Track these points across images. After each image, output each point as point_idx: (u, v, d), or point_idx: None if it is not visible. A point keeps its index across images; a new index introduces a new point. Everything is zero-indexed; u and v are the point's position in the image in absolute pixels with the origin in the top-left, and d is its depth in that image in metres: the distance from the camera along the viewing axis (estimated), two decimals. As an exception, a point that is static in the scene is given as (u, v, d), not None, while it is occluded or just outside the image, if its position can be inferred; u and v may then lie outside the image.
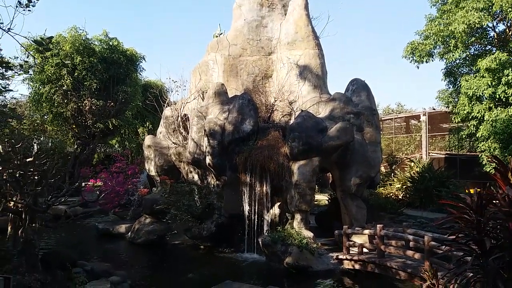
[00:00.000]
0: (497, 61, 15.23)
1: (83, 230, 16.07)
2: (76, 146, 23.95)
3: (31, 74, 21.87)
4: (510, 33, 17.66)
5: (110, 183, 16.68)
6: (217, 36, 17.57)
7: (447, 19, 17.39)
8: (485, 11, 16.10)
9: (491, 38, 18.36)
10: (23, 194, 7.86)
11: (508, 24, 17.71)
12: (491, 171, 13.61)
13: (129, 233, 14.03)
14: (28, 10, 6.21)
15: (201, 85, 15.82)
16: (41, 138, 26.39)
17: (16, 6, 6.11)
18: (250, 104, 12.86)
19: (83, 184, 19.00)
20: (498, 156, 15.08)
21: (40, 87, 22.40)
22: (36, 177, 8.33)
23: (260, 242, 11.13)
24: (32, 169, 8.12)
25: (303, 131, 11.65)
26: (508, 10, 15.36)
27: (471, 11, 16.04)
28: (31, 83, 22.87)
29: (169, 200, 13.10)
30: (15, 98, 26.03)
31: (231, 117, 12.61)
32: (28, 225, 7.61)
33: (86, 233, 15.59)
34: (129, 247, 13.42)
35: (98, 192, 17.56)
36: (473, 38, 17.54)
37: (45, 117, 24.97)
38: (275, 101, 14.56)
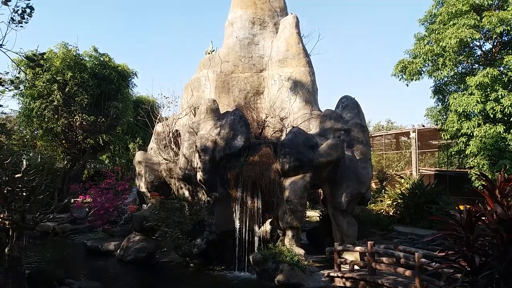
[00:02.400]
0: (489, 76, 15.54)
1: (72, 247, 15.81)
2: (66, 162, 23.72)
3: (21, 90, 21.77)
4: (496, 52, 18.07)
5: (99, 200, 16.47)
6: (209, 53, 17.71)
7: (436, 37, 17.76)
8: (475, 28, 16.50)
9: (478, 57, 18.77)
10: (11, 211, 7.73)
11: (495, 43, 18.14)
12: (480, 188, 13.75)
13: (118, 251, 13.83)
14: (21, 27, 6.24)
15: (193, 101, 15.87)
16: (31, 154, 26.12)
17: (9, 22, 6.12)
18: (241, 120, 12.91)
19: (72, 200, 18.75)
20: (486, 172, 15.29)
21: (31, 102, 22.25)
22: (24, 194, 8.21)
23: (251, 260, 11.04)
24: (20, 185, 8.01)
25: (294, 147, 11.70)
26: (496, 25, 15.76)
27: (462, 27, 16.43)
28: (22, 98, 22.73)
29: (159, 216, 12.98)
30: (4, 113, 25.82)
31: (222, 133, 12.64)
32: (15, 242, 7.47)
33: (74, 250, 15.34)
34: (118, 265, 13.20)
35: (87, 209, 17.32)
36: (461, 56, 17.91)
37: (35, 132, 24.75)
38: (267, 117, 14.64)
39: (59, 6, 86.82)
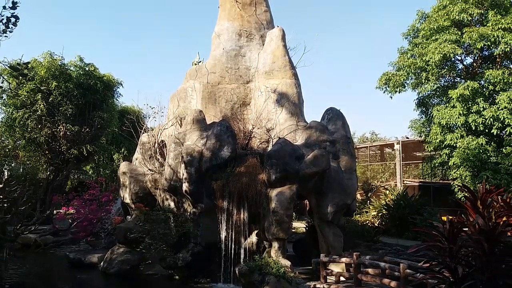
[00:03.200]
0: (469, 89, 15.90)
1: (54, 259, 15.47)
2: (48, 173, 23.31)
3: (4, 99, 21.43)
4: (477, 66, 18.55)
5: (83, 211, 16.23)
6: (196, 64, 17.75)
7: (419, 51, 18.15)
8: (456, 43, 16.91)
9: (459, 71, 19.23)
10: (-9, 223, 7.57)
11: (475, 57, 18.63)
12: (462, 199, 13.97)
13: (102, 263, 13.58)
14: (5, 36, 6.18)
15: (179, 111, 15.83)
16: (13, 164, 25.63)
17: (-7, 32, 6.06)
18: (228, 131, 12.92)
19: (54, 211, 18.41)
20: (469, 183, 15.56)
21: (13, 112, 21.90)
22: (5, 205, 8.06)
23: (237, 272, 10.96)
24: (1, 196, 7.86)
25: (280, 158, 11.74)
26: (477, 41, 16.18)
27: (444, 42, 16.82)
28: (4, 108, 22.38)
29: (143, 228, 12.80)
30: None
31: (209, 143, 12.61)
32: (-5, 255, 7.30)
33: (56, 263, 15.00)
34: (101, 277, 12.95)
35: (70, 220, 17.05)
36: (444, 70, 18.32)
37: (18, 142, 24.32)
38: (253, 128, 14.69)
39: (46, 16, 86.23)
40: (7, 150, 24.30)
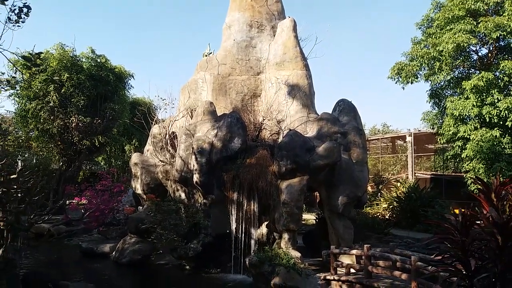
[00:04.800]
0: (484, 80, 15.61)
1: (66, 249, 15.71)
2: (61, 163, 23.61)
3: (17, 90, 21.69)
4: (492, 56, 18.18)
5: (95, 201, 16.42)
6: (206, 55, 17.72)
7: (432, 41, 17.84)
8: (471, 33, 16.58)
9: (474, 61, 18.87)
10: (6, 212, 7.69)
11: (491, 48, 18.26)
12: (475, 192, 13.79)
13: (114, 253, 13.76)
14: (18, 26, 6.21)
15: (190, 103, 15.85)
16: (26, 155, 26.01)
17: (6, 22, 6.10)
18: (238, 123, 12.91)
19: (67, 202, 18.67)
20: (482, 176, 15.34)
21: (27, 103, 22.16)
22: (19, 195, 8.17)
23: (247, 262, 11.02)
24: (15, 186, 7.97)
25: (291, 150, 11.70)
26: (492, 31, 15.84)
27: (458, 32, 16.50)
28: (17, 99, 22.63)
29: (155, 219, 12.93)
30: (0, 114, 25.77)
31: (219, 135, 12.62)
32: (9, 244, 7.42)
33: (69, 252, 15.24)
34: (113, 267, 13.14)
35: (82, 211, 17.30)
36: (458, 61, 18.00)
37: (31, 133, 24.64)
38: (264, 120, 14.64)
39: (57, 7, 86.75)
40: (20, 141, 24.64)
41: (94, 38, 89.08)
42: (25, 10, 5.88)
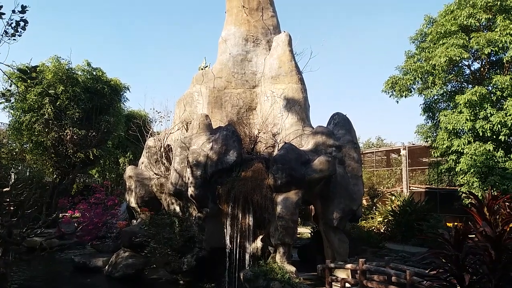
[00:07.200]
0: (477, 94, 15.77)
1: (59, 263, 15.52)
2: (55, 176, 23.46)
3: (12, 103, 21.63)
4: (484, 71, 18.42)
5: (88, 215, 16.28)
6: (202, 69, 17.81)
7: (426, 55, 18.06)
8: (464, 47, 16.81)
9: (466, 76, 19.10)
10: (-2, 225, 7.61)
11: (483, 63, 18.50)
12: (469, 206, 13.82)
13: (107, 267, 13.60)
14: (14, 40, 6.23)
15: (186, 116, 15.88)
16: (19, 167, 25.82)
17: (2, 36, 6.12)
18: (234, 136, 12.92)
19: (60, 215, 18.48)
20: (476, 189, 15.41)
21: (21, 116, 22.10)
22: (12, 208, 8.10)
23: (241, 277, 10.92)
24: (8, 199, 7.91)
25: (286, 163, 11.70)
26: (484, 46, 16.07)
27: (451, 46, 16.73)
28: (12, 111, 22.57)
29: (148, 232, 12.82)
30: (-6, 126, 25.67)
31: (215, 148, 12.62)
32: (1, 258, 7.33)
33: (61, 266, 15.05)
34: (106, 281, 12.97)
35: (76, 224, 17.13)
36: (451, 75, 18.21)
37: (25, 146, 24.52)
38: (259, 133, 14.68)
39: (54, 20, 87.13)
40: (14, 153, 24.48)
41: (90, 52, 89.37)
42: (22, 24, 5.90)
